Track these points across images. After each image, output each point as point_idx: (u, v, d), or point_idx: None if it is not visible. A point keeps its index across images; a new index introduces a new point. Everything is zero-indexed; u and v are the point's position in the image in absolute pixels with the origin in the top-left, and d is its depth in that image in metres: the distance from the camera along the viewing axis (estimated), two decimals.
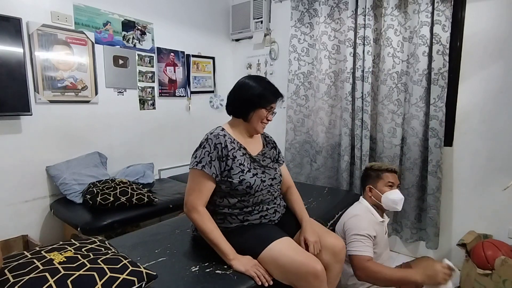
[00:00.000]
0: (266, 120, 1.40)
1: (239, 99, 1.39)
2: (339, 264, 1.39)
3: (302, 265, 1.16)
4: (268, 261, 1.21)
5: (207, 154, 1.29)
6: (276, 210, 1.41)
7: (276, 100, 1.41)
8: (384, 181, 1.72)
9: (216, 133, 1.34)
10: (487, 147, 2.10)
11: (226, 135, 1.34)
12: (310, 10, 2.71)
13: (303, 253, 1.22)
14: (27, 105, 2.04)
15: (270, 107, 1.39)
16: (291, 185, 1.58)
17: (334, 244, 1.38)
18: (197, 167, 1.28)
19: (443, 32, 2.08)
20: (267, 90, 1.37)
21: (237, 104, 1.40)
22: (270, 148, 1.52)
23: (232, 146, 1.33)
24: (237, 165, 1.31)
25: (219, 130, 1.37)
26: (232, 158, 1.31)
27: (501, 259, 1.74)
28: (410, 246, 2.48)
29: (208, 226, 1.27)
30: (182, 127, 3.12)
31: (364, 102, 2.42)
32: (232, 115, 1.44)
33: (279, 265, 1.19)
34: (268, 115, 1.39)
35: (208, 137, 1.33)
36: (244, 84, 1.40)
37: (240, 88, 1.40)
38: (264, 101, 1.36)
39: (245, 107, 1.37)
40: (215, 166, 1.29)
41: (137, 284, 0.99)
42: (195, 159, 1.31)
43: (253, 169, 1.35)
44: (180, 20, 3.00)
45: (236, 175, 1.30)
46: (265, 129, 1.60)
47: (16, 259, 1.02)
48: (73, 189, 2.18)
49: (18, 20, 1.98)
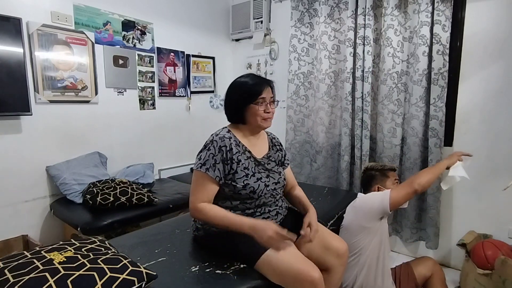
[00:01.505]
0: (265, 114, 1.32)
1: (230, 104, 1.38)
2: (342, 266, 1.40)
3: (300, 274, 1.14)
4: (265, 268, 1.19)
5: (211, 157, 1.27)
6: (278, 212, 1.41)
7: (262, 90, 1.31)
8: (391, 179, 1.74)
9: (221, 135, 1.31)
10: (487, 147, 2.10)
11: (231, 138, 1.32)
12: (310, 10, 2.71)
13: (301, 260, 1.20)
14: (27, 105, 2.04)
15: (261, 98, 1.31)
16: (295, 185, 1.58)
17: (338, 247, 1.38)
18: (201, 169, 1.27)
19: (443, 32, 2.08)
20: (248, 85, 1.33)
21: (229, 109, 1.38)
22: (275, 150, 1.50)
23: (237, 149, 1.31)
24: (242, 169, 1.30)
25: (225, 132, 1.34)
26: (237, 162, 1.29)
27: (501, 259, 1.74)
28: (410, 246, 2.48)
29: (216, 216, 1.25)
30: (182, 127, 3.12)
31: (364, 102, 2.42)
32: (233, 121, 1.41)
33: (276, 271, 1.18)
34: (265, 108, 1.33)
35: (214, 139, 1.30)
36: (230, 88, 1.39)
37: (228, 93, 1.39)
38: (249, 96, 1.31)
39: (236, 110, 1.35)
40: (219, 169, 1.27)
41: (137, 284, 0.99)
42: (199, 161, 1.29)
43: (257, 173, 1.33)
44: (180, 20, 3.00)
45: (240, 179, 1.29)
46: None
47: (16, 259, 1.02)
48: (73, 189, 2.18)
49: (18, 20, 1.98)
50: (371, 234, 1.56)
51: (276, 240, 1.17)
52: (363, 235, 1.57)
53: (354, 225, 1.61)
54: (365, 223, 1.56)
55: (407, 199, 1.55)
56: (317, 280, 1.14)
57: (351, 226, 1.63)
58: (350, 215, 1.67)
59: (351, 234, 1.60)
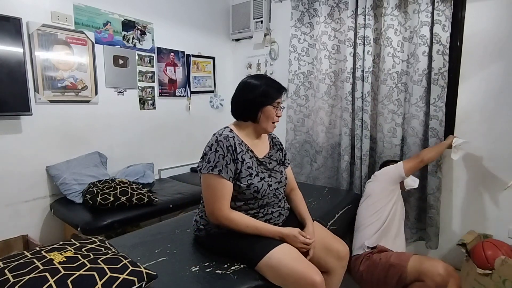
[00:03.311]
0: (276, 117, 1.38)
1: (244, 100, 1.35)
2: (343, 269, 1.42)
3: (301, 277, 1.13)
4: (267, 270, 1.19)
5: (221, 158, 1.24)
6: (281, 213, 1.40)
7: (281, 95, 1.38)
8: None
9: (225, 134, 1.30)
10: (487, 147, 2.10)
11: (235, 137, 1.31)
12: (310, 10, 2.70)
13: (303, 262, 1.20)
14: (27, 105, 2.04)
15: (276, 102, 1.36)
16: (294, 187, 1.57)
17: (340, 250, 1.39)
18: (213, 172, 1.23)
19: (443, 32, 2.08)
20: (269, 87, 1.35)
21: (243, 106, 1.36)
22: (276, 150, 1.50)
23: (240, 149, 1.30)
24: (246, 169, 1.29)
25: (228, 131, 1.33)
26: (242, 161, 1.29)
27: (501, 259, 1.74)
28: (410, 246, 2.48)
29: (243, 224, 1.25)
30: (182, 127, 3.12)
31: (364, 102, 2.42)
32: (240, 119, 1.40)
33: (277, 274, 1.17)
34: (277, 112, 1.37)
35: (218, 139, 1.28)
36: (246, 85, 1.37)
37: (243, 89, 1.37)
38: (269, 98, 1.34)
39: (251, 108, 1.34)
40: (231, 170, 1.25)
41: (137, 284, 0.99)
42: (208, 164, 1.24)
43: (260, 173, 1.33)
44: (180, 20, 3.00)
45: (244, 178, 1.28)
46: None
47: (16, 259, 1.02)
48: (73, 189, 2.18)
49: (18, 20, 1.98)
50: (387, 199, 1.90)
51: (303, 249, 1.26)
52: (382, 197, 1.91)
53: (376, 189, 1.96)
54: (385, 185, 1.94)
55: (416, 168, 1.98)
56: (318, 284, 1.13)
57: (373, 190, 1.96)
58: (372, 184, 2.02)
59: (372, 199, 1.93)
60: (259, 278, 1.20)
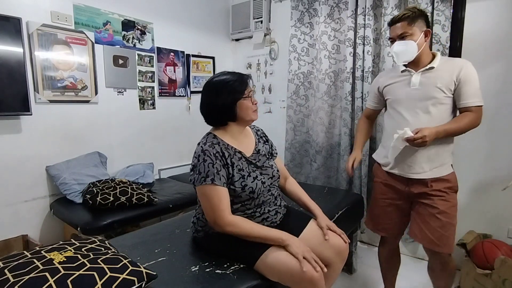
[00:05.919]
0: (254, 105, 1.35)
1: (215, 106, 1.31)
2: (342, 263, 1.42)
3: (300, 273, 1.14)
4: (265, 268, 1.20)
5: (211, 166, 1.23)
6: (277, 211, 1.40)
7: (247, 84, 1.33)
8: None
9: (209, 142, 1.28)
10: (487, 147, 2.10)
11: (220, 142, 1.30)
12: (310, 10, 2.71)
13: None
14: (27, 105, 2.05)
15: (248, 91, 1.32)
16: (287, 175, 1.58)
17: (339, 244, 1.39)
18: (206, 182, 1.21)
19: (443, 32, 2.08)
20: (233, 81, 1.31)
21: (217, 112, 1.33)
22: (263, 143, 1.48)
23: (228, 153, 1.29)
24: (237, 171, 1.28)
25: (211, 138, 1.31)
26: (231, 165, 1.28)
27: (501, 259, 1.74)
28: (410, 246, 2.48)
29: (246, 229, 1.23)
30: (182, 127, 3.12)
31: (364, 102, 2.42)
32: (219, 125, 1.36)
33: (275, 271, 1.18)
34: (252, 100, 1.35)
35: (204, 148, 1.25)
36: (211, 90, 1.33)
37: (209, 96, 1.33)
38: (237, 93, 1.30)
39: (226, 110, 1.31)
40: (223, 176, 1.24)
41: (137, 284, 0.99)
42: (200, 175, 1.22)
43: (252, 172, 1.33)
44: (180, 20, 3.00)
45: (237, 181, 1.27)
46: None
47: (16, 259, 1.02)
48: (73, 189, 2.18)
49: (18, 20, 1.98)
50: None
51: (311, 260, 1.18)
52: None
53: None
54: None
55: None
56: (316, 279, 1.14)
57: None
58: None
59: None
60: (258, 277, 1.20)
